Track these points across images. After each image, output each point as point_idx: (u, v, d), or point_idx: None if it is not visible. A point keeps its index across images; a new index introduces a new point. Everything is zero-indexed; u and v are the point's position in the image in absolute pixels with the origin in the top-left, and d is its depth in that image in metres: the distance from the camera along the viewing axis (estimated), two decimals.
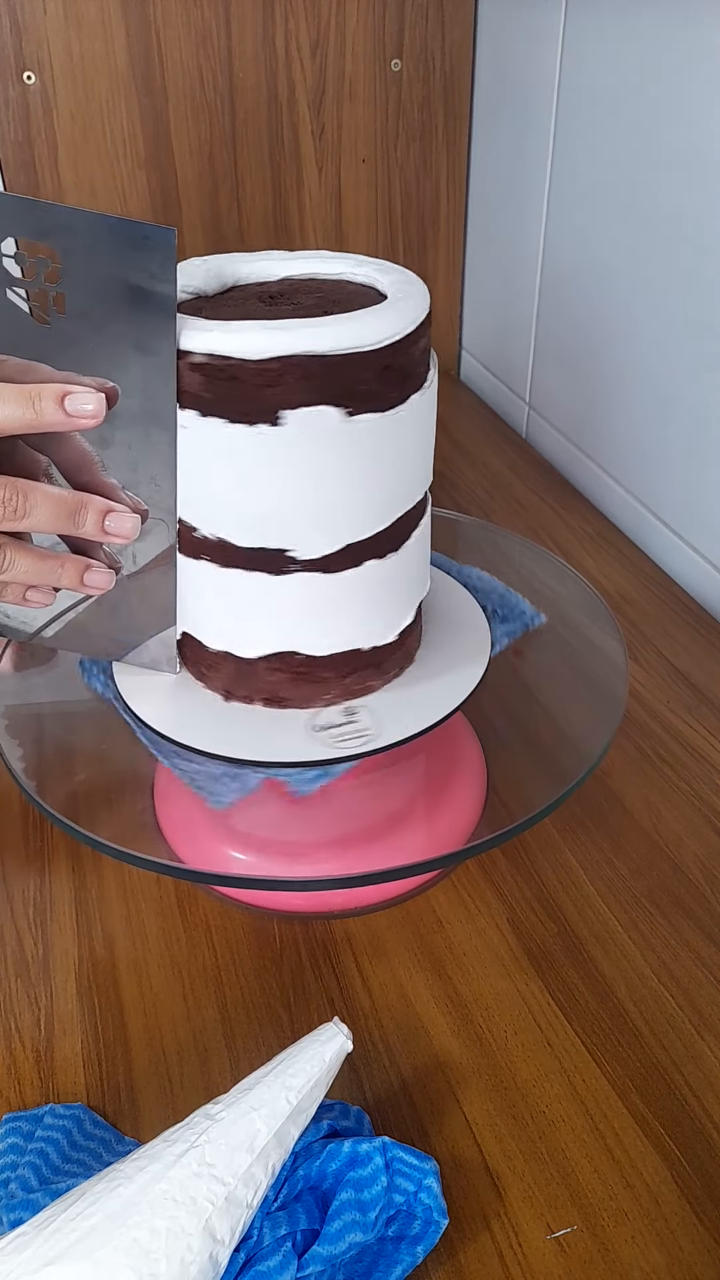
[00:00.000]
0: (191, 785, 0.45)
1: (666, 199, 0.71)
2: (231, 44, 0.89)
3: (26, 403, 0.37)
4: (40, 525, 0.39)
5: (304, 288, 0.44)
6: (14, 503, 0.38)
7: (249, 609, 0.44)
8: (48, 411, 0.37)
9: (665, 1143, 0.41)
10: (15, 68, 0.85)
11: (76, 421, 0.37)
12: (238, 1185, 0.34)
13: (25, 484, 0.38)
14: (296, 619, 0.44)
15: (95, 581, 0.42)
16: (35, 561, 0.40)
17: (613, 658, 0.53)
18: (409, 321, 0.40)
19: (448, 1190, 0.39)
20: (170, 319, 0.38)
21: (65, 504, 0.39)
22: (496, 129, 0.96)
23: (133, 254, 0.37)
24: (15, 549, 0.40)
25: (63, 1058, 0.44)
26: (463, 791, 0.53)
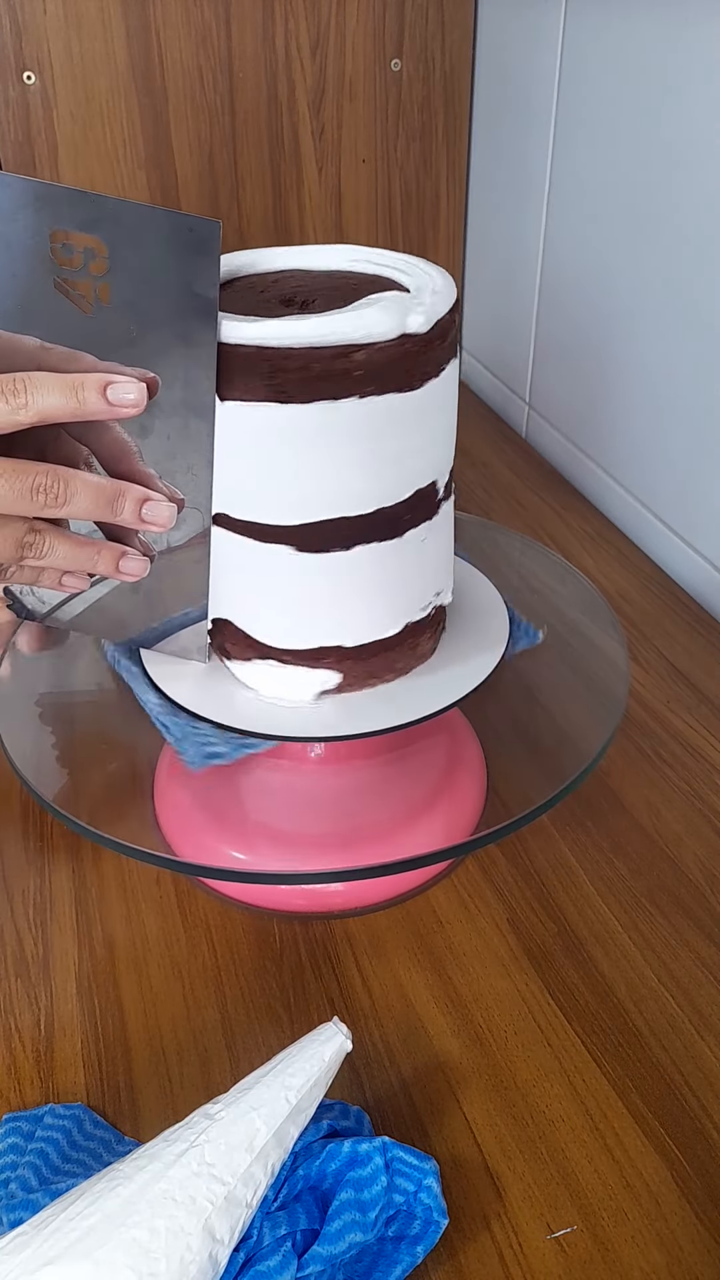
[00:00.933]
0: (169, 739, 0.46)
1: (666, 199, 0.71)
2: (231, 44, 0.89)
3: (70, 392, 0.37)
4: (79, 512, 0.40)
5: (314, 281, 0.44)
6: (55, 490, 0.39)
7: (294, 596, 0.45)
8: (90, 401, 0.38)
9: (665, 1143, 0.41)
10: (15, 68, 0.85)
11: (118, 411, 0.38)
12: (237, 1185, 0.34)
13: (66, 471, 0.39)
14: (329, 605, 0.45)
15: (130, 568, 0.43)
16: (72, 548, 0.41)
17: (613, 657, 0.53)
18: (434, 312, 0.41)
19: (448, 1190, 0.39)
20: (212, 310, 0.38)
21: (104, 492, 0.40)
22: (496, 129, 0.96)
23: (177, 246, 0.37)
24: (54, 535, 0.41)
25: (63, 1058, 0.44)
26: (462, 791, 0.53)
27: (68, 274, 0.39)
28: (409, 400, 0.41)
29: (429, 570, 0.46)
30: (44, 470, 0.38)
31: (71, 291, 0.39)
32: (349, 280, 0.44)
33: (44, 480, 0.38)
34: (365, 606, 0.45)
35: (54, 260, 0.39)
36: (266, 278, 0.45)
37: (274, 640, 0.45)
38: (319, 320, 0.38)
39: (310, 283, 0.44)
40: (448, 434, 0.45)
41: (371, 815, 0.51)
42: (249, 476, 0.41)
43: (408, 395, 0.40)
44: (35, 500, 0.38)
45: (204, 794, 0.52)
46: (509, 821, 0.44)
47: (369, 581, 0.44)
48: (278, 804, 0.52)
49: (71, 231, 0.38)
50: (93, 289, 0.39)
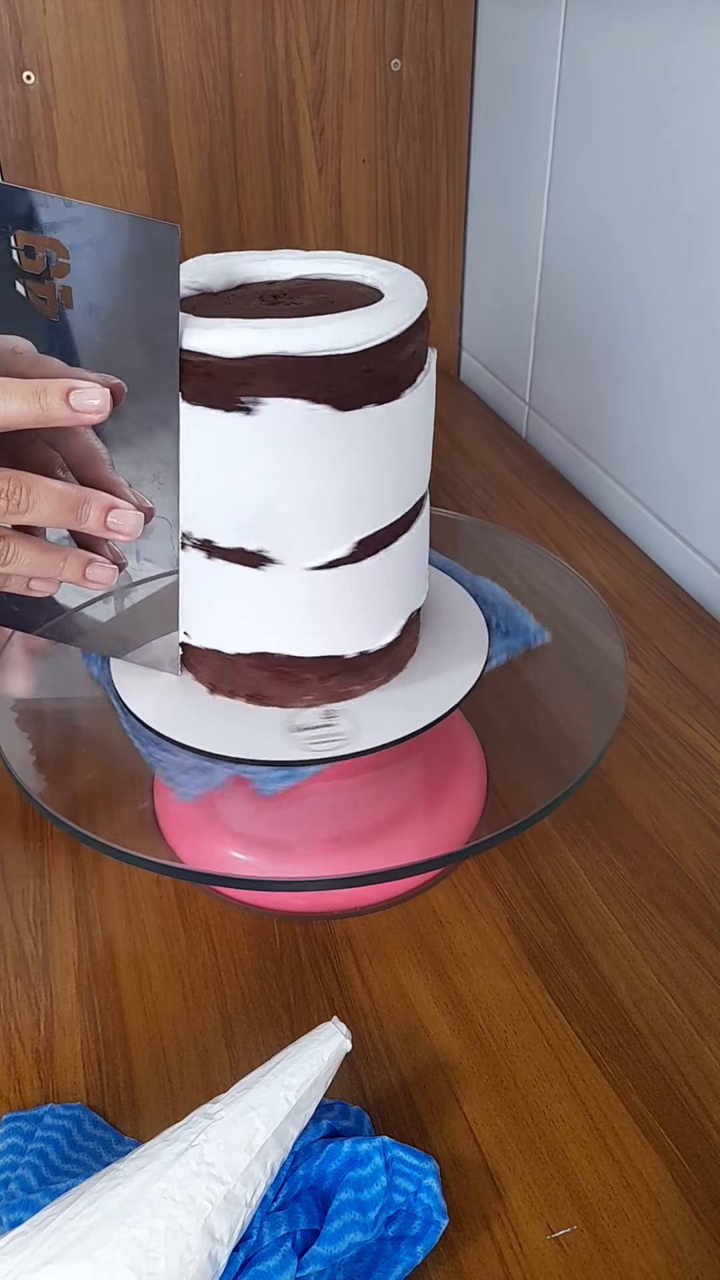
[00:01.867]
0: (161, 775, 0.46)
1: (667, 198, 0.71)
2: (231, 44, 0.89)
3: (33, 398, 0.37)
4: (43, 519, 0.39)
5: (310, 288, 0.44)
6: (17, 496, 0.38)
7: (229, 605, 0.44)
8: (53, 407, 0.37)
9: (665, 1143, 0.41)
10: (15, 68, 0.85)
11: (82, 417, 0.38)
12: (236, 1184, 0.34)
13: (29, 477, 0.39)
14: (274, 618, 0.44)
15: (97, 576, 0.42)
16: (38, 554, 0.41)
17: (613, 658, 0.53)
18: (390, 327, 0.40)
19: (447, 1190, 0.39)
20: (173, 316, 0.37)
21: (68, 499, 0.39)
22: (496, 129, 0.96)
23: (137, 250, 0.37)
24: (18, 541, 0.40)
25: (63, 1058, 0.44)
26: (463, 792, 0.53)
27: (30, 277, 0.38)
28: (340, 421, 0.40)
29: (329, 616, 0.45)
30: (6, 476, 0.38)
31: (34, 295, 0.39)
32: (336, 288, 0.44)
33: (5, 486, 0.38)
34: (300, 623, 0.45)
35: (17, 264, 0.38)
36: (270, 282, 0.45)
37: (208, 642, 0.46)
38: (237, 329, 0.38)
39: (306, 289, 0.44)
40: (374, 479, 0.42)
41: (372, 817, 0.51)
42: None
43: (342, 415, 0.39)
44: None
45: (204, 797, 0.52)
46: (510, 826, 0.44)
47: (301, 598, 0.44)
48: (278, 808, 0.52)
49: (33, 234, 0.38)
50: (55, 293, 0.38)
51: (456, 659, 0.49)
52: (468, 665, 0.49)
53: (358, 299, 0.42)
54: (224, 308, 0.42)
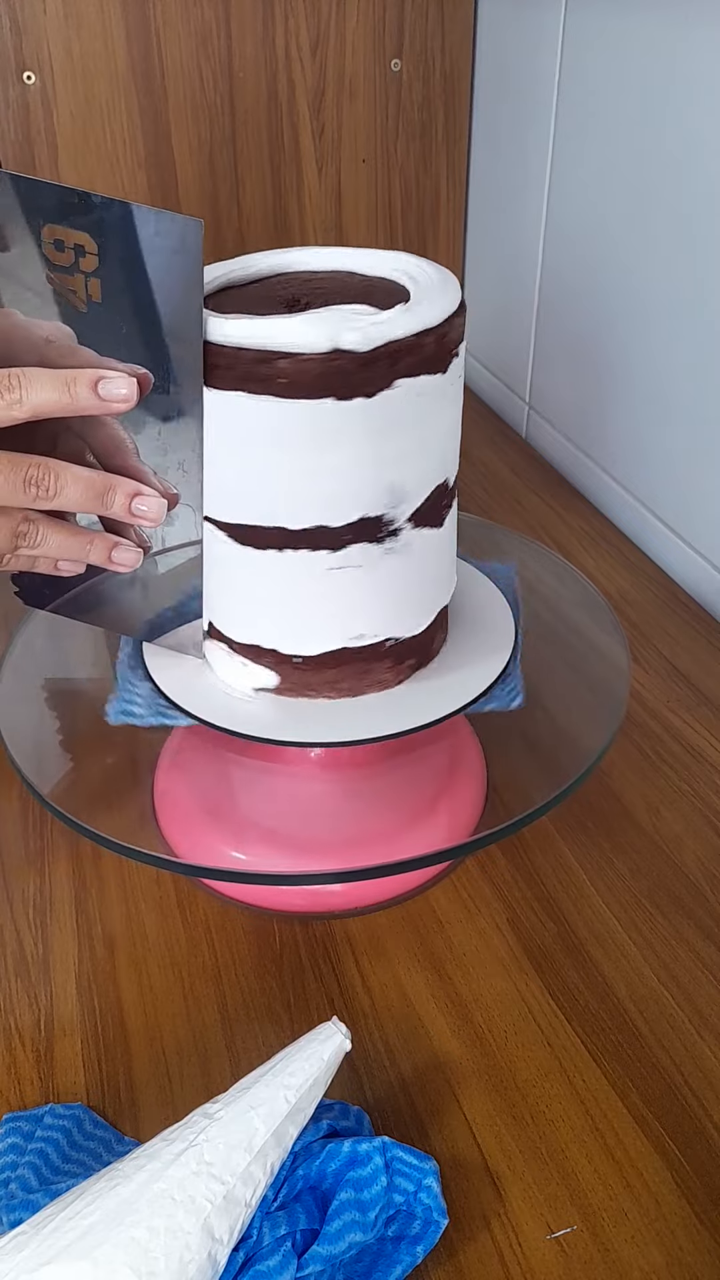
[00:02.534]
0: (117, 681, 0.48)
1: (666, 199, 0.71)
2: (231, 44, 0.89)
3: (63, 387, 0.38)
4: (70, 504, 0.41)
5: (335, 282, 0.45)
6: (46, 482, 0.40)
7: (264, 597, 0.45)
8: (82, 396, 0.38)
9: (665, 1143, 0.41)
10: (15, 68, 0.85)
11: (109, 406, 0.39)
12: (236, 1184, 0.34)
13: (57, 464, 0.40)
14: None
15: (123, 559, 0.44)
16: (65, 538, 0.42)
17: (613, 658, 0.53)
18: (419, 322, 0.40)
19: (447, 1190, 0.39)
20: (197, 308, 0.38)
21: (94, 485, 0.41)
22: (496, 129, 0.96)
23: (162, 243, 0.37)
24: (47, 525, 0.42)
25: (63, 1058, 0.44)
26: (462, 791, 0.53)
27: (60, 270, 0.39)
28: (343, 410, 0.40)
29: (367, 603, 0.45)
30: (36, 463, 0.39)
31: (64, 288, 0.40)
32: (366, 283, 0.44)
33: (35, 473, 0.39)
34: (301, 618, 0.45)
35: (47, 257, 0.39)
36: (298, 276, 0.45)
37: (222, 626, 0.46)
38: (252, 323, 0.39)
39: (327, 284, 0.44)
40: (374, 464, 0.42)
41: (371, 815, 0.51)
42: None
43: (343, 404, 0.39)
44: (28, 492, 0.39)
45: (205, 794, 0.52)
46: (509, 822, 0.44)
47: (306, 593, 0.44)
48: (278, 804, 0.52)
49: (62, 228, 0.39)
50: (84, 285, 0.39)
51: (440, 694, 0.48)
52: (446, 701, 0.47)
53: (386, 294, 0.43)
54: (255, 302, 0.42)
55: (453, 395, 0.43)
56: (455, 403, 0.44)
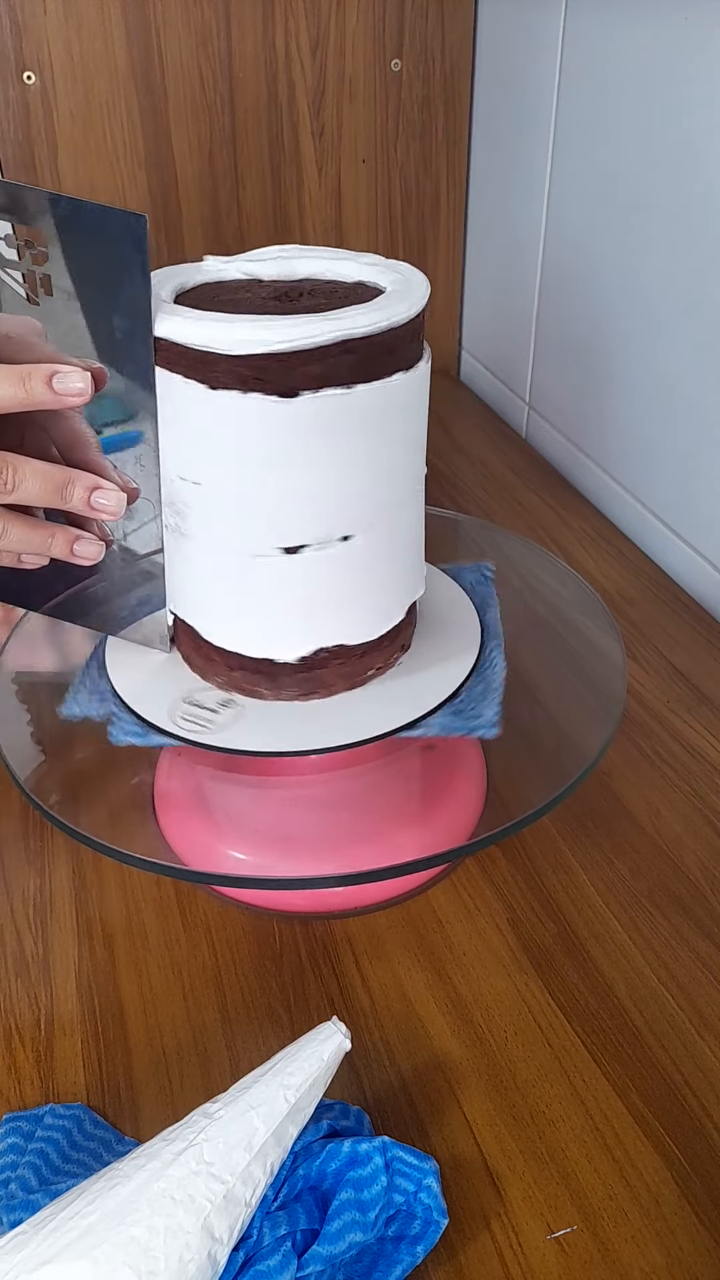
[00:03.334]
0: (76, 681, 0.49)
1: (666, 198, 0.71)
2: (231, 44, 0.89)
3: (18, 382, 0.39)
4: (29, 498, 0.41)
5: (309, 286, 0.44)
6: (4, 476, 0.40)
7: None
8: (37, 390, 0.39)
9: (665, 1143, 0.41)
10: (15, 68, 0.85)
11: (64, 400, 0.39)
12: (236, 1183, 0.34)
13: (16, 458, 0.40)
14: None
15: (84, 552, 0.44)
16: (26, 530, 0.43)
17: (612, 657, 0.53)
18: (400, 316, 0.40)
19: (447, 1190, 0.39)
20: (145, 304, 0.38)
21: (53, 479, 0.41)
22: (496, 129, 0.96)
23: (108, 240, 0.38)
24: (8, 519, 0.42)
25: (63, 1058, 0.44)
26: (462, 791, 0.53)
27: (10, 265, 0.40)
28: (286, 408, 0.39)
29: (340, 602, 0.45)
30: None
31: (15, 282, 0.40)
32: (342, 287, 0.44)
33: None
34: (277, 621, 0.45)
35: (0, 252, 0.40)
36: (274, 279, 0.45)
37: (196, 626, 0.46)
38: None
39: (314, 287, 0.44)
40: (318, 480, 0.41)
41: (371, 816, 0.51)
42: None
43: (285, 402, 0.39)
44: None
45: (205, 797, 0.52)
46: (509, 823, 0.44)
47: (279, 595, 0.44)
48: (277, 806, 0.52)
49: (12, 223, 0.39)
50: (35, 280, 0.40)
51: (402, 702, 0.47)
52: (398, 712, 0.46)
53: (353, 295, 0.43)
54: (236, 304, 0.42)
55: (420, 394, 0.43)
56: (422, 400, 0.44)
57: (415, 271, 0.44)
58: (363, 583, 0.45)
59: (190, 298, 0.43)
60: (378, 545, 0.44)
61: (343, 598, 0.45)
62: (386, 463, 0.43)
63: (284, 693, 0.46)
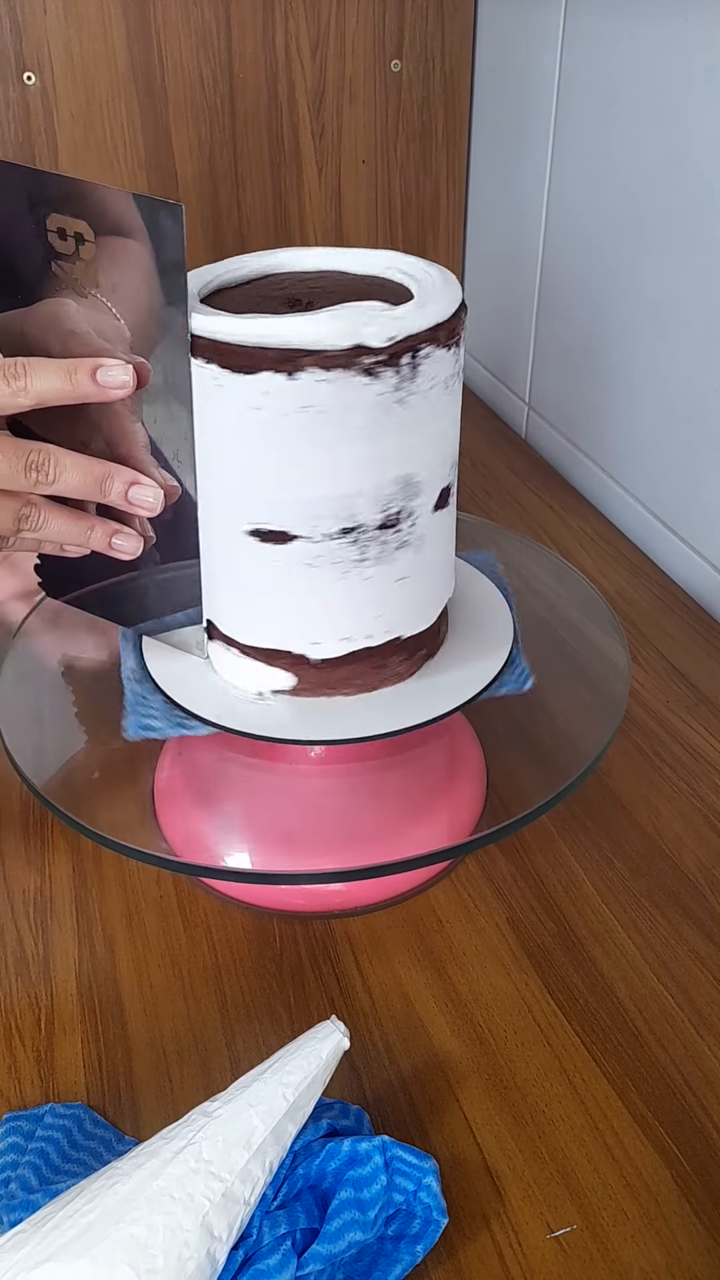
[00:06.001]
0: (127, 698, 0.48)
1: (666, 199, 0.71)
2: (231, 44, 0.89)
3: (65, 375, 0.40)
4: (69, 490, 0.42)
5: (332, 282, 0.45)
6: (46, 467, 0.41)
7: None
8: (82, 384, 0.40)
9: (665, 1143, 0.41)
10: (15, 68, 0.85)
11: (108, 393, 0.40)
12: (235, 1182, 0.34)
13: (58, 451, 0.41)
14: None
15: (123, 545, 0.44)
16: (67, 522, 0.43)
17: (613, 658, 0.53)
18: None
19: (447, 1189, 0.39)
20: (182, 295, 0.39)
21: (92, 472, 0.42)
22: (496, 129, 0.96)
23: (148, 230, 0.38)
24: (49, 509, 0.43)
25: (63, 1058, 0.44)
26: (462, 790, 0.53)
27: (63, 258, 0.40)
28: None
29: (373, 600, 0.45)
30: (37, 449, 0.41)
31: (68, 277, 0.40)
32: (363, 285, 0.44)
33: (36, 458, 0.41)
34: (319, 619, 0.45)
35: (52, 246, 0.40)
36: (294, 276, 0.45)
37: (233, 628, 0.46)
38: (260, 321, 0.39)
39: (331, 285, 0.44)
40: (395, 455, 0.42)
41: (371, 815, 0.51)
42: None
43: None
44: (29, 477, 0.41)
45: (205, 793, 0.53)
46: (509, 821, 0.44)
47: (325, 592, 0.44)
48: (278, 803, 0.52)
49: (65, 217, 0.39)
50: (84, 273, 0.40)
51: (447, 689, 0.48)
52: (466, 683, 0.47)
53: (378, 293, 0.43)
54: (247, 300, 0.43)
55: (456, 388, 0.44)
56: (458, 394, 0.44)
57: (431, 265, 0.44)
58: (421, 572, 0.45)
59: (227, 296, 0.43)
60: (435, 531, 0.45)
61: (405, 588, 0.45)
62: (442, 437, 0.43)
63: (346, 687, 0.46)
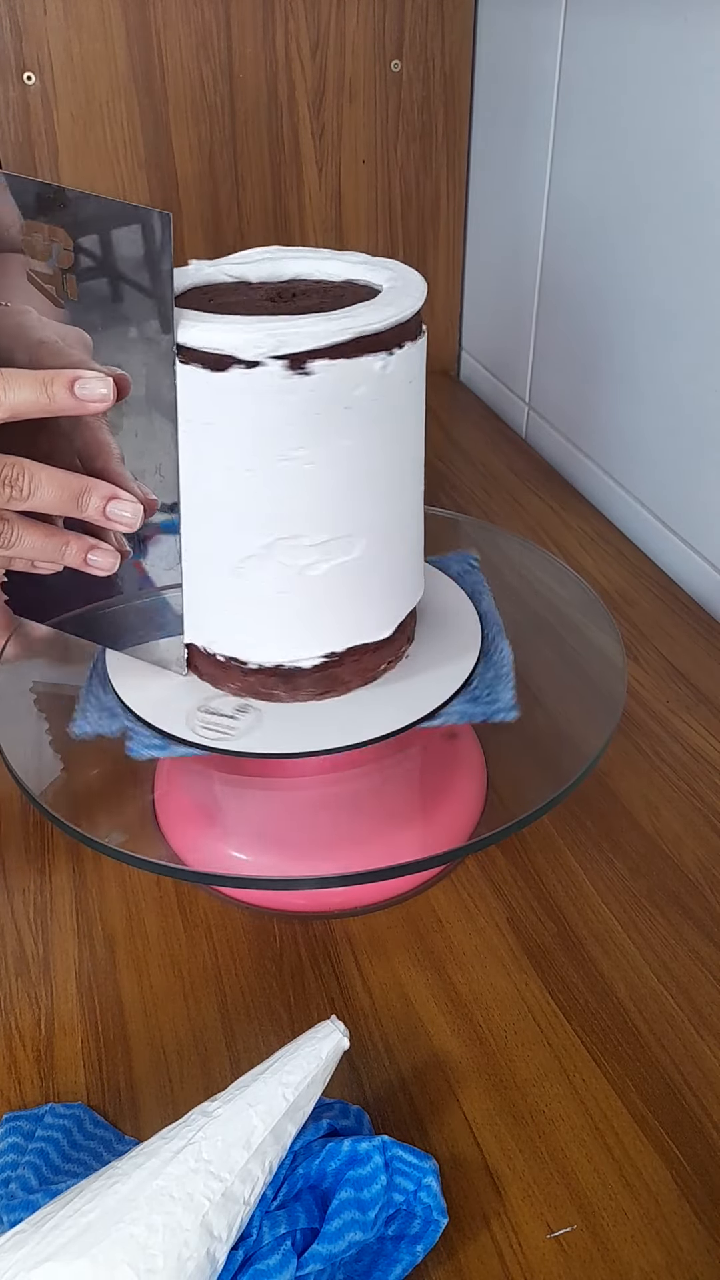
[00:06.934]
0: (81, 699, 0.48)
1: (666, 199, 0.71)
2: (231, 45, 0.89)
3: (40, 388, 0.38)
4: (45, 505, 0.40)
5: (307, 287, 0.44)
6: (20, 482, 0.39)
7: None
8: (59, 396, 0.38)
9: (665, 1143, 0.41)
10: (15, 68, 0.85)
11: (86, 406, 0.39)
12: (235, 1182, 0.34)
13: (33, 465, 0.40)
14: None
15: (99, 562, 0.43)
16: (40, 538, 0.42)
17: (611, 657, 0.53)
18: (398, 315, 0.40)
19: (447, 1189, 0.39)
20: (168, 305, 0.38)
21: (69, 487, 0.41)
22: (496, 129, 0.96)
23: (133, 238, 0.37)
24: (22, 525, 0.42)
25: (63, 1057, 0.44)
26: (463, 791, 0.53)
27: (39, 267, 0.39)
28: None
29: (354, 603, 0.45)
30: (11, 463, 0.39)
31: (43, 285, 0.39)
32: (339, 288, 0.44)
33: (10, 473, 0.39)
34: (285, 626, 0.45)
35: (27, 253, 0.39)
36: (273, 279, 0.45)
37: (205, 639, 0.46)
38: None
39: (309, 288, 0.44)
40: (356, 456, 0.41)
41: (371, 816, 0.51)
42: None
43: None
44: (2, 492, 0.39)
45: (205, 796, 0.52)
46: (508, 823, 0.44)
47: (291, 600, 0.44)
48: (277, 806, 0.52)
49: (39, 224, 0.38)
50: (61, 282, 0.39)
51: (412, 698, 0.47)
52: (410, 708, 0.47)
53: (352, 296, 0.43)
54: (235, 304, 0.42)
55: (416, 391, 0.43)
56: (419, 396, 0.44)
57: (401, 266, 0.44)
58: (375, 581, 0.45)
59: (182, 301, 0.42)
60: (391, 540, 0.44)
61: (359, 597, 0.45)
62: (395, 449, 0.43)
63: (300, 694, 0.46)
